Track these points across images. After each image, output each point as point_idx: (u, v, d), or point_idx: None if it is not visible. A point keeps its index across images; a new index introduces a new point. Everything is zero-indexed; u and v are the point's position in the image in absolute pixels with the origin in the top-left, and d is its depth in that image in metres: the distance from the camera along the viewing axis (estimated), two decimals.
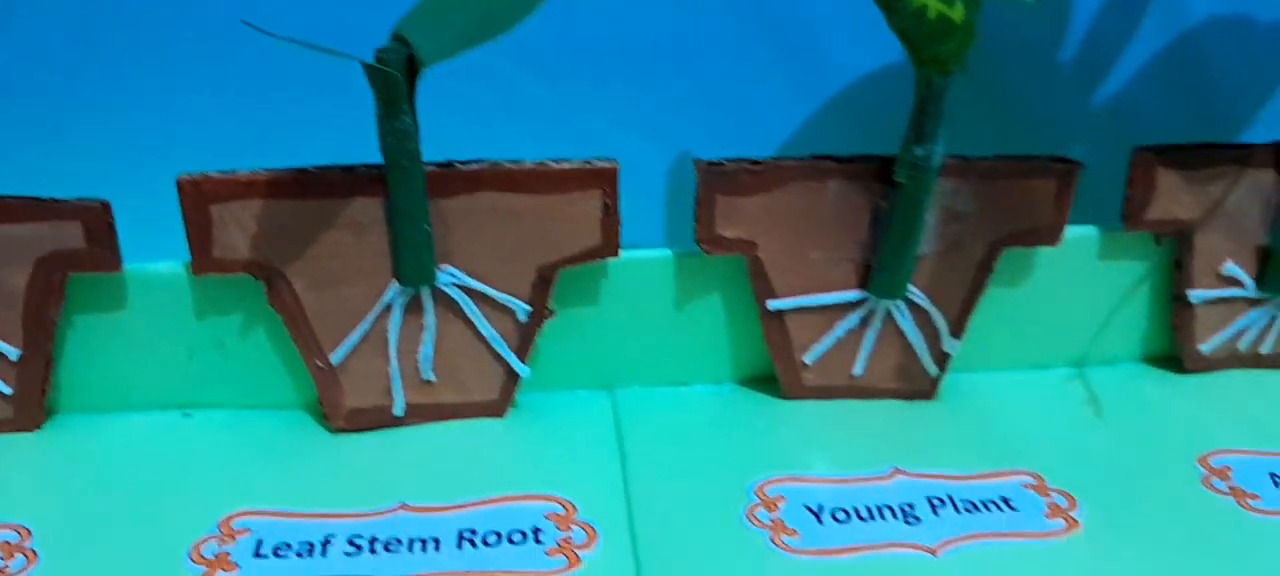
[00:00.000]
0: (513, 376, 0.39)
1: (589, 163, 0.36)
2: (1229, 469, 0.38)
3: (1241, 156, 0.40)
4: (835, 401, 0.41)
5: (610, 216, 0.36)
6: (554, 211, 0.36)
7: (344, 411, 0.39)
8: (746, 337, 0.41)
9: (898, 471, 0.37)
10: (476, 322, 0.38)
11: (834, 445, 0.39)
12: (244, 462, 0.37)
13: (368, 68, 0.32)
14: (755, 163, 0.37)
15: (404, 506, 0.35)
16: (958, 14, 0.32)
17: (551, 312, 0.38)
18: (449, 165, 0.35)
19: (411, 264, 0.36)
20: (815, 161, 0.37)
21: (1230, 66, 0.45)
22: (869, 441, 0.39)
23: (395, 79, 0.32)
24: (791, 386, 0.41)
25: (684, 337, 0.41)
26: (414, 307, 0.37)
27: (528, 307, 0.38)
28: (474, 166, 0.35)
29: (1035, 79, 0.46)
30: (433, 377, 0.38)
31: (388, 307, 0.37)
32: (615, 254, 0.37)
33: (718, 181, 0.37)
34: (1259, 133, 0.46)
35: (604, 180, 0.36)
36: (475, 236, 0.36)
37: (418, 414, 0.39)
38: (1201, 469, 0.38)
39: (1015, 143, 0.40)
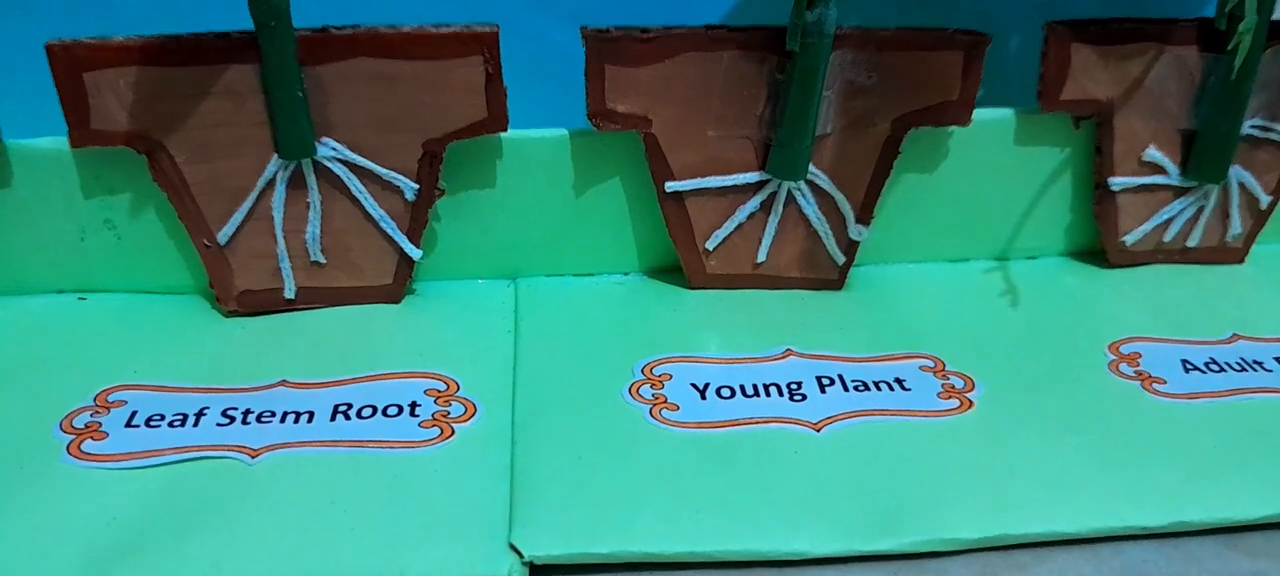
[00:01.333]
0: (407, 260, 0.38)
1: (469, 27, 0.35)
2: (1139, 354, 0.37)
3: (1162, 32, 0.38)
4: (740, 291, 0.40)
5: (495, 86, 0.35)
6: (435, 79, 0.35)
7: (235, 293, 0.38)
8: (651, 225, 0.40)
9: (791, 352, 0.36)
10: (363, 201, 0.37)
11: (730, 328, 0.38)
12: (131, 343, 0.37)
13: None
14: (645, 31, 0.36)
15: (284, 382, 0.35)
16: None
17: (441, 192, 0.37)
18: (324, 30, 0.34)
19: (289, 133, 0.35)
20: (709, 30, 0.36)
21: None
22: (767, 325, 0.38)
23: None
24: (695, 274, 0.40)
25: (587, 225, 0.40)
26: (297, 183, 0.36)
27: (415, 185, 0.37)
28: (349, 30, 0.34)
29: None
30: (321, 259, 0.38)
31: (271, 183, 0.36)
32: (503, 128, 0.36)
33: (606, 51, 0.36)
34: (1183, 5, 0.44)
35: (485, 44, 0.35)
36: (354, 106, 0.35)
37: (310, 297, 0.38)
38: (1111, 354, 0.37)
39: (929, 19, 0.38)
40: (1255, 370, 0.36)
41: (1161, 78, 0.39)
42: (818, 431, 0.33)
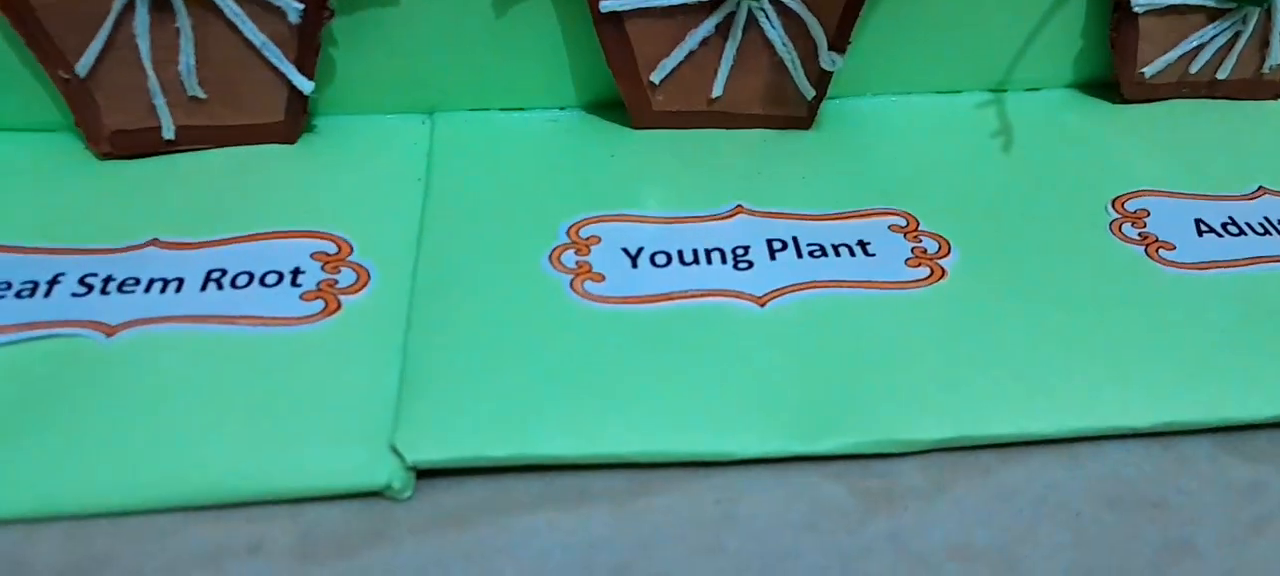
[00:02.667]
0: (299, 95, 0.33)
1: None
2: (1146, 212, 0.32)
3: None
4: (692, 131, 0.35)
5: None
6: None
7: (106, 133, 0.33)
8: (593, 50, 0.34)
9: (741, 209, 0.31)
10: (241, 26, 0.31)
11: (675, 179, 0.33)
12: None
13: None
14: None
15: (156, 242, 0.30)
16: None
17: (331, 13, 0.32)
18: None
19: None
20: None
21: None
22: (718, 175, 0.33)
23: None
24: (640, 112, 0.34)
25: (516, 51, 0.34)
26: (163, 6, 0.31)
27: (300, 5, 0.31)
28: None
29: None
30: (201, 93, 0.32)
31: (129, 6, 0.31)
32: None
33: None
34: None
35: None
36: None
37: (193, 136, 0.33)
38: (1114, 212, 0.32)
39: None
40: None
41: None
42: (761, 306, 0.28)
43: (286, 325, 0.28)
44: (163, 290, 0.29)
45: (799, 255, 0.30)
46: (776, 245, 0.30)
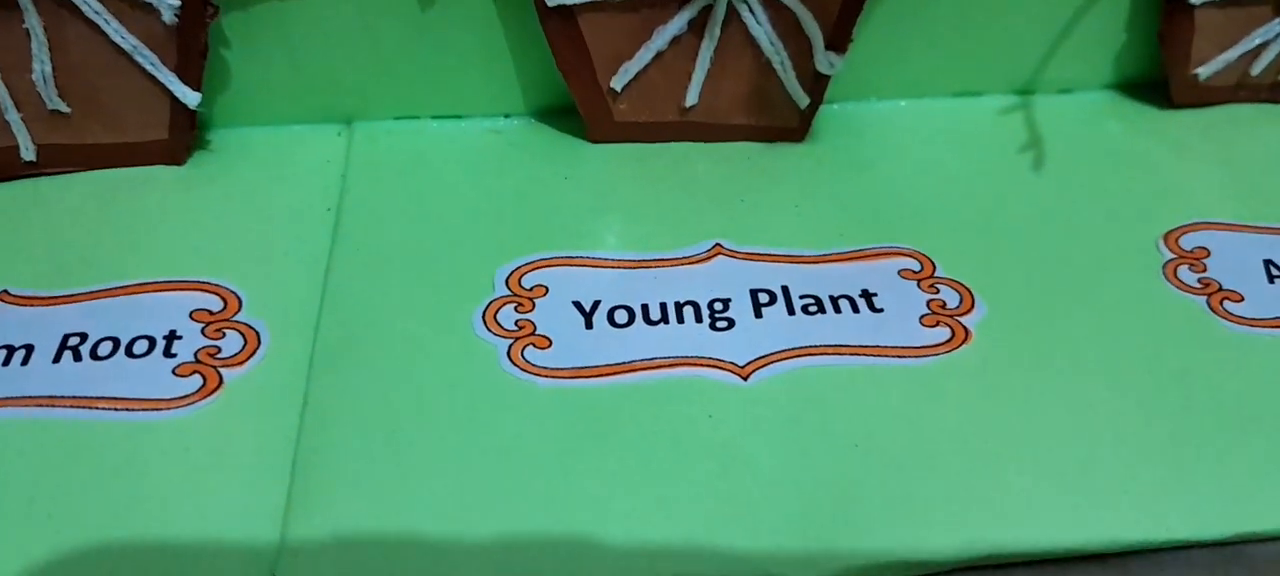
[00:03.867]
0: (185, 107, 0.27)
1: None
2: (1205, 251, 0.26)
3: None
4: (661, 145, 0.29)
5: None
6: None
7: None
8: (543, 50, 0.28)
9: (721, 249, 0.26)
10: (103, 25, 0.25)
11: (640, 209, 0.27)
12: None
13: None
14: None
15: (5, 295, 0.25)
16: None
17: (214, 11, 0.26)
18: None
19: None
20: None
21: None
22: (691, 203, 0.27)
23: None
24: (598, 123, 0.29)
25: (451, 49, 0.28)
26: (7, 4, 0.25)
27: (174, 3, 0.25)
28: None
29: None
30: (62, 106, 0.27)
31: None
32: None
33: None
34: None
35: None
36: None
37: (59, 158, 0.28)
38: (1167, 251, 0.26)
39: None
40: None
41: None
42: (744, 379, 0.23)
43: (154, 410, 0.22)
44: (7, 360, 0.23)
45: (790, 311, 0.24)
46: (763, 298, 0.25)
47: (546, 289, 0.25)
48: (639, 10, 0.27)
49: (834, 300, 0.25)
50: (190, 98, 0.27)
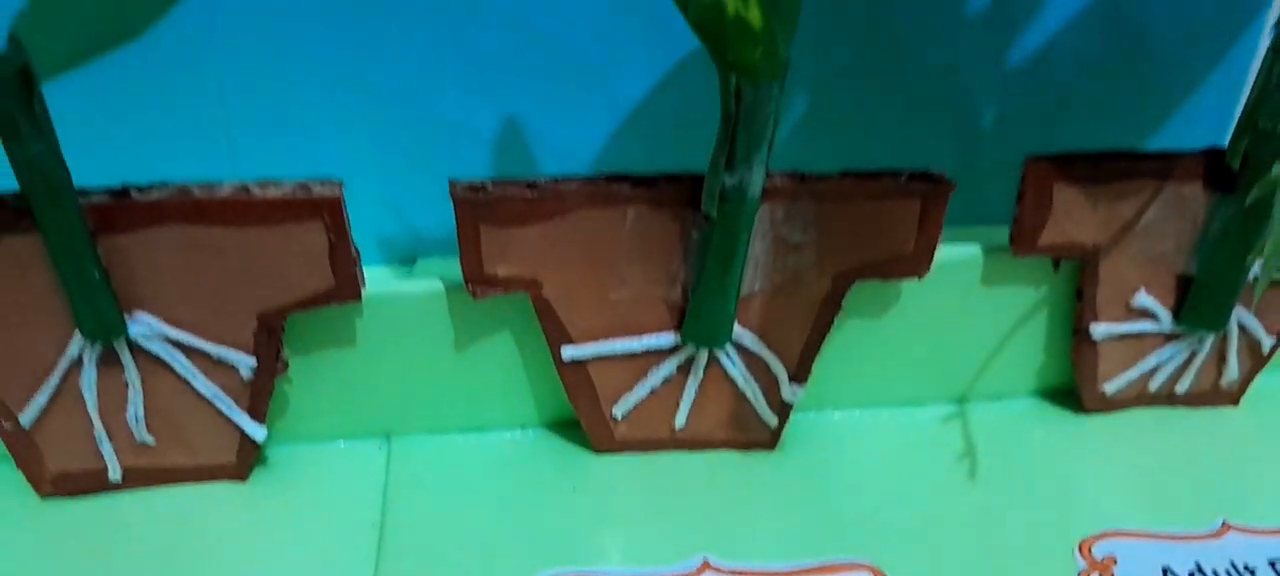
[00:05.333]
0: (251, 438, 0.32)
1: (305, 188, 0.28)
2: (1113, 560, 0.31)
3: (1162, 168, 0.31)
4: (656, 454, 0.34)
5: (341, 252, 0.29)
6: (264, 247, 0.28)
7: (48, 476, 0.32)
8: (553, 375, 0.34)
9: (707, 565, 0.31)
10: (191, 381, 0.30)
11: (637, 522, 0.32)
12: None
13: None
14: (531, 185, 0.29)
15: None
16: (755, 17, 0.24)
17: (284, 365, 0.31)
18: (123, 193, 0.28)
19: (88, 315, 0.28)
20: (608, 184, 0.29)
21: (1163, 56, 0.36)
22: (682, 514, 0.32)
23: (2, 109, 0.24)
24: (601, 440, 0.34)
25: (473, 381, 0.33)
26: (110, 361, 0.30)
27: (252, 360, 0.30)
28: (153, 194, 0.28)
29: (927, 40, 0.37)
30: (150, 441, 0.31)
31: (77, 362, 0.30)
32: (355, 297, 0.30)
33: (481, 210, 0.29)
34: (1188, 134, 0.38)
35: (325, 210, 0.28)
36: (169, 278, 0.29)
37: (140, 478, 0.32)
38: (1082, 560, 0.31)
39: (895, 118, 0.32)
40: None
41: (1158, 218, 0.32)
42: None
43: None
44: None
45: None
46: None
47: None
48: (636, 359, 0.32)
49: None
50: (257, 432, 0.31)
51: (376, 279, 0.32)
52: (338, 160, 0.38)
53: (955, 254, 0.33)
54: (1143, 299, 0.34)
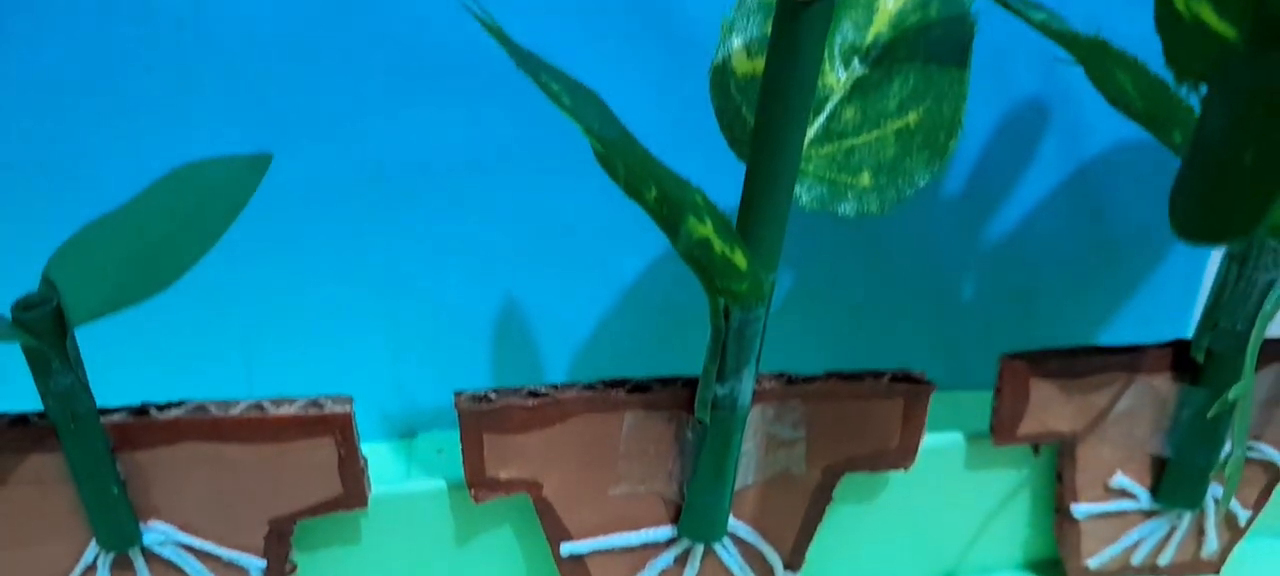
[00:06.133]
0: None
1: (318, 405, 0.29)
2: None
3: (1131, 361, 0.33)
4: None
5: (350, 464, 0.30)
6: (277, 462, 0.30)
7: None
8: (552, 569, 0.35)
9: None
10: None
11: None
12: None
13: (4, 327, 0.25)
14: (532, 394, 0.30)
15: None
16: (740, 260, 0.25)
17: (293, 567, 0.32)
18: (143, 411, 0.29)
19: (106, 527, 0.29)
20: (605, 391, 0.31)
21: (1133, 252, 0.39)
22: None
23: (36, 349, 0.25)
24: None
25: (476, 573, 0.34)
26: (123, 566, 0.31)
27: (262, 563, 0.31)
28: (172, 413, 0.29)
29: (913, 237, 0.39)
30: None
31: (92, 567, 0.31)
32: (362, 504, 0.31)
33: (485, 420, 0.30)
34: (1157, 327, 0.40)
35: (336, 427, 0.29)
36: (185, 490, 0.30)
37: None
38: None
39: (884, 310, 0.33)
40: None
41: (1131, 407, 0.34)
42: None
43: None
44: None
45: None
46: None
47: None
48: (635, 552, 0.33)
49: None
50: None
51: (380, 470, 0.33)
52: (342, 342, 0.40)
53: (939, 442, 0.34)
54: (1120, 480, 0.35)
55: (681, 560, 0.33)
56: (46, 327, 0.26)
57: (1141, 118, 0.29)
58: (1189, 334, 0.33)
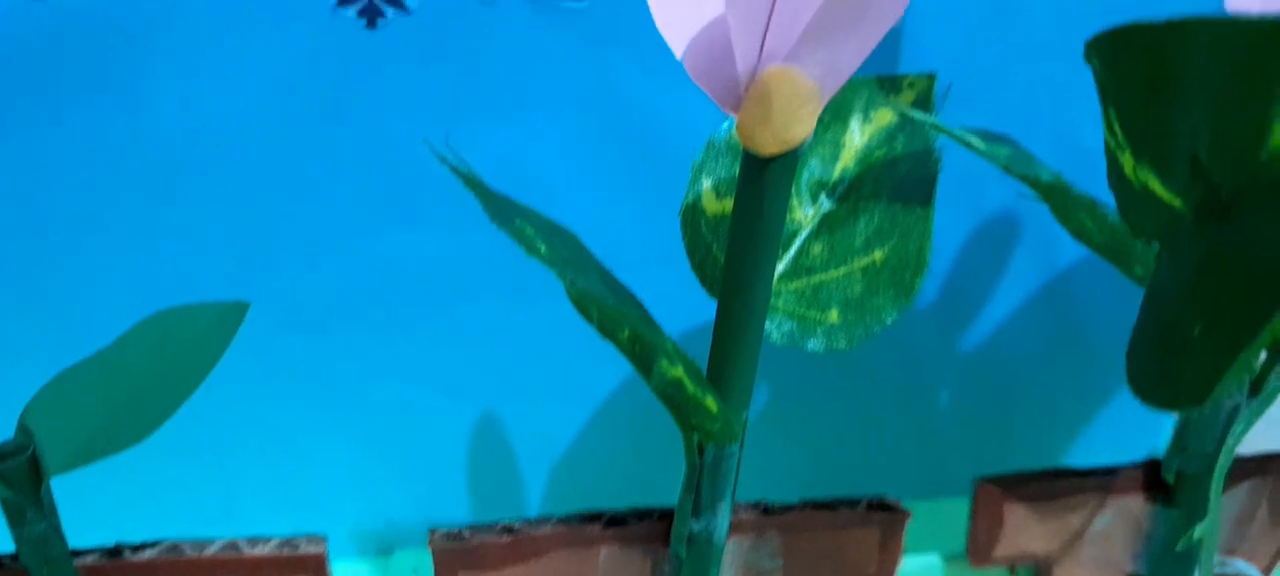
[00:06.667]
0: None
1: (292, 545, 0.29)
2: None
3: (1103, 483, 0.34)
4: None
5: None
6: None
7: None
8: None
9: None
10: None
11: None
12: None
13: None
14: (507, 530, 0.30)
15: None
16: (712, 404, 0.26)
17: None
18: (117, 552, 0.29)
19: None
20: (581, 526, 0.31)
21: (1101, 374, 0.39)
22: None
23: (11, 499, 0.25)
24: None
25: None
26: None
27: None
28: (146, 554, 0.29)
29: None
30: None
31: None
32: None
33: (460, 558, 0.30)
34: (1133, 435, 0.40)
35: (310, 568, 0.29)
36: None
37: None
38: None
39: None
40: None
41: (1105, 527, 0.34)
42: None
43: None
44: None
45: None
46: None
47: None
48: None
49: None
50: None
51: None
52: (319, 460, 0.40)
53: (918, 564, 0.34)
54: None
55: None
56: (21, 477, 0.26)
57: (1104, 252, 0.29)
58: (1164, 441, 0.34)
